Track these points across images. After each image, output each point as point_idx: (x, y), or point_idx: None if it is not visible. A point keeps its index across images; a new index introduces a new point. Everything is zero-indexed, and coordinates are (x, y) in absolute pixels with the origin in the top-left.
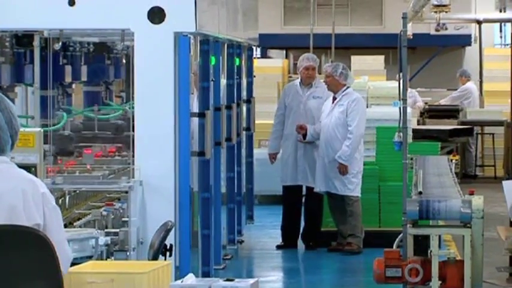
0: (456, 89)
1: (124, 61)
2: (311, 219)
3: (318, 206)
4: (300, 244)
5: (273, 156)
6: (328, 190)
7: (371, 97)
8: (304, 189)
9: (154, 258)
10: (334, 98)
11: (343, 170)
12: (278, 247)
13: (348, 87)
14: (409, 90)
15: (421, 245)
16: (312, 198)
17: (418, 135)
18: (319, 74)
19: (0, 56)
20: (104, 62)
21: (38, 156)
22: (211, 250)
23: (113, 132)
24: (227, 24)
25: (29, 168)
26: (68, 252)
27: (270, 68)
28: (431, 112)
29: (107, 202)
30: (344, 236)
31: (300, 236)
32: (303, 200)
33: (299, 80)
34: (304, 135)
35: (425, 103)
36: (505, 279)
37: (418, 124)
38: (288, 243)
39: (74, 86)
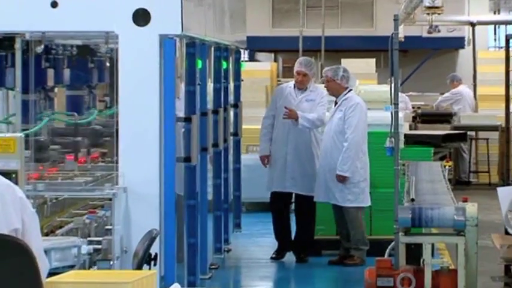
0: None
1: (108, 64)
2: (301, 228)
3: (309, 213)
4: (291, 254)
5: (265, 159)
6: (328, 201)
7: (362, 101)
8: (293, 195)
9: (139, 267)
10: (336, 103)
11: (341, 180)
12: (272, 258)
13: (349, 91)
14: (400, 95)
15: (414, 253)
16: (302, 205)
17: (410, 140)
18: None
19: None
20: (87, 65)
21: (19, 162)
22: (197, 259)
23: (95, 137)
24: (214, 27)
25: (9, 174)
26: (46, 260)
27: (258, 71)
28: (424, 117)
29: (90, 210)
30: (345, 248)
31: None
32: (292, 206)
33: (293, 82)
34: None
35: (418, 107)
36: None
37: (410, 129)
38: (282, 254)
39: (56, 89)
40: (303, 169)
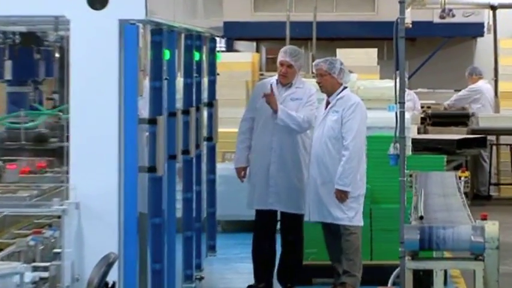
0: None
1: (57, 55)
2: (288, 253)
3: (297, 234)
4: (276, 283)
5: (241, 171)
6: (323, 220)
7: (360, 100)
8: (279, 213)
9: None
10: (328, 103)
11: (340, 196)
12: None
13: (344, 88)
14: (407, 91)
15: (423, 281)
16: (289, 225)
17: (419, 146)
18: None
19: None
20: (32, 56)
21: None
22: None
23: (41, 143)
24: (185, 10)
25: None
26: None
27: (237, 63)
28: (435, 118)
29: (35, 229)
30: (339, 275)
31: (276, 273)
32: (278, 226)
33: (276, 77)
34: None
35: (428, 107)
36: None
37: (419, 133)
38: (262, 283)
39: None
40: (289, 182)
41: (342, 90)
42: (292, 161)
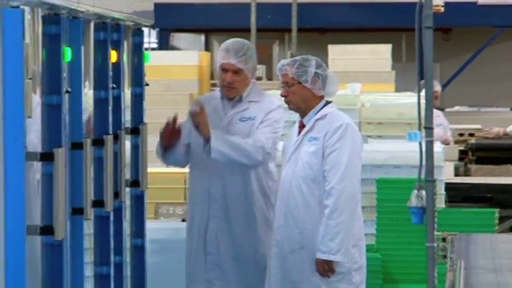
0: None
1: None
2: None
3: None
4: None
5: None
6: None
7: (367, 123)
8: None
9: None
10: (302, 126)
11: (324, 269)
12: None
13: (326, 103)
14: (435, 112)
15: None
16: None
17: (458, 195)
18: (269, 80)
19: None
20: None
21: None
22: None
23: None
24: None
25: None
26: None
27: (177, 68)
28: (482, 152)
29: None
30: None
31: None
32: None
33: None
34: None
35: (470, 134)
36: None
37: (458, 174)
38: None
39: None
40: (238, 250)
41: (323, 106)
42: (243, 216)
